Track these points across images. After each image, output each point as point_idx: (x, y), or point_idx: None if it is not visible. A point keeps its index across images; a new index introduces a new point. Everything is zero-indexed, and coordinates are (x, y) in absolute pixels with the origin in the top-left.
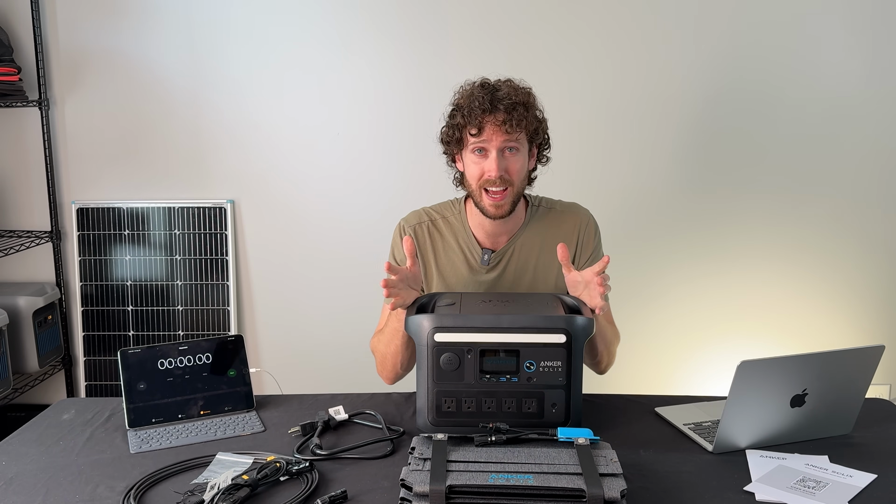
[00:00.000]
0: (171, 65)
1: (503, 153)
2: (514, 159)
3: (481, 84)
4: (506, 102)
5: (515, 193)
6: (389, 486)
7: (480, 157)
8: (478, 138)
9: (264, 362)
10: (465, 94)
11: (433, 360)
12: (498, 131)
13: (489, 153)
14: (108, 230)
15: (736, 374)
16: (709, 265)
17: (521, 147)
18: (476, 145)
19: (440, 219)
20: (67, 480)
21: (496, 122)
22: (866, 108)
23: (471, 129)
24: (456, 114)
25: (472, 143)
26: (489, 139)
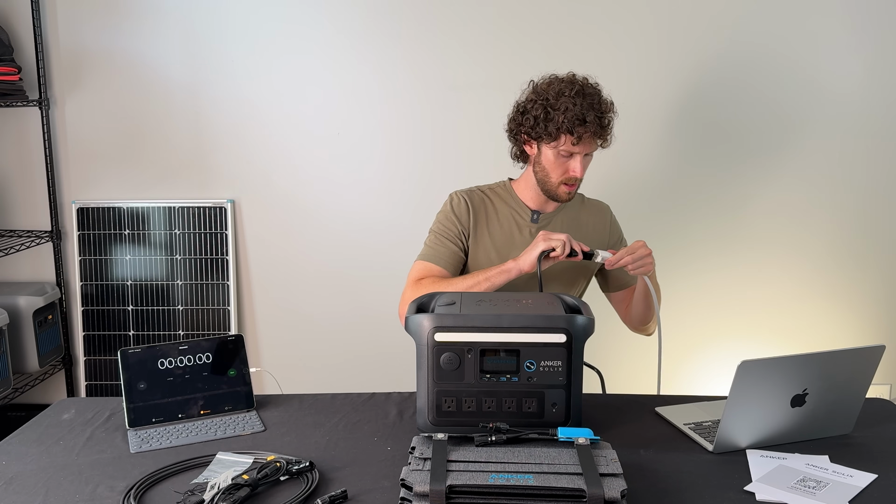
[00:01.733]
0: (172, 64)
1: (585, 157)
2: (588, 161)
3: (577, 91)
4: (601, 115)
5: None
6: (389, 485)
7: (567, 158)
8: (574, 147)
9: (264, 362)
10: (562, 98)
11: (433, 359)
12: (591, 143)
13: (575, 156)
14: (108, 230)
15: (736, 373)
16: (709, 265)
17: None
18: (569, 150)
19: (488, 190)
20: (67, 480)
21: (591, 135)
22: (867, 107)
23: (569, 138)
24: (552, 114)
25: (566, 147)
26: (581, 148)
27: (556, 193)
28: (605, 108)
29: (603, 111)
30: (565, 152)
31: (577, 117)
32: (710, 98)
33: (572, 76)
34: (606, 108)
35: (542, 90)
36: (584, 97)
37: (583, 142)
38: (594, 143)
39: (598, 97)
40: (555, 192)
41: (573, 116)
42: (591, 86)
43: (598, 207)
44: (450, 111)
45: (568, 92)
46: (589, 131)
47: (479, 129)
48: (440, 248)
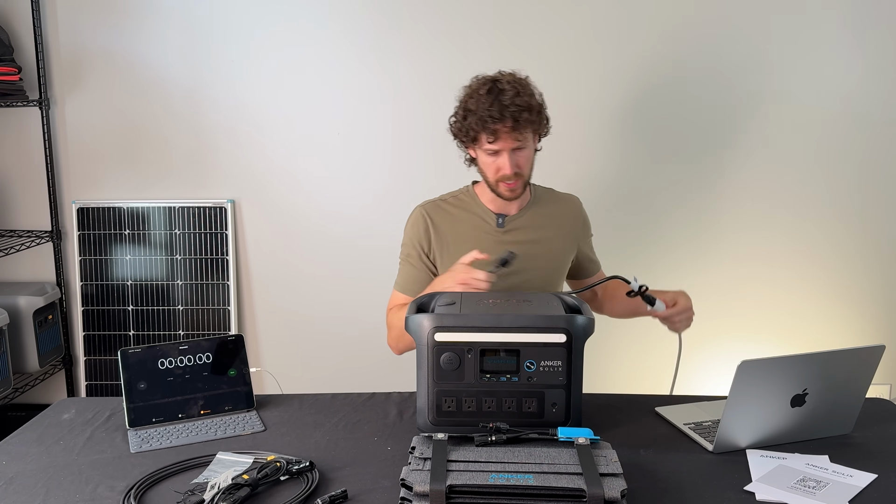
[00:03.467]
0: (172, 64)
1: (514, 152)
2: (522, 154)
3: (489, 89)
4: (513, 109)
5: (526, 179)
6: (389, 485)
7: (494, 156)
8: (492, 145)
9: (264, 362)
10: (474, 97)
11: (433, 359)
12: (508, 137)
13: (502, 153)
14: (108, 230)
15: (736, 373)
16: (709, 265)
17: (529, 140)
18: (489, 148)
19: (450, 198)
20: (67, 480)
21: (506, 130)
22: (867, 107)
23: (485, 136)
24: (468, 116)
25: (486, 146)
26: (501, 145)
27: (499, 192)
28: (516, 98)
29: (514, 100)
30: (490, 151)
31: (489, 115)
32: (709, 98)
33: (494, 74)
34: (523, 100)
35: (462, 94)
36: (496, 93)
37: (500, 138)
38: (512, 139)
39: (513, 91)
40: (498, 192)
41: (484, 114)
42: (509, 81)
43: (569, 200)
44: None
45: (480, 90)
46: (503, 127)
47: None
48: (408, 276)
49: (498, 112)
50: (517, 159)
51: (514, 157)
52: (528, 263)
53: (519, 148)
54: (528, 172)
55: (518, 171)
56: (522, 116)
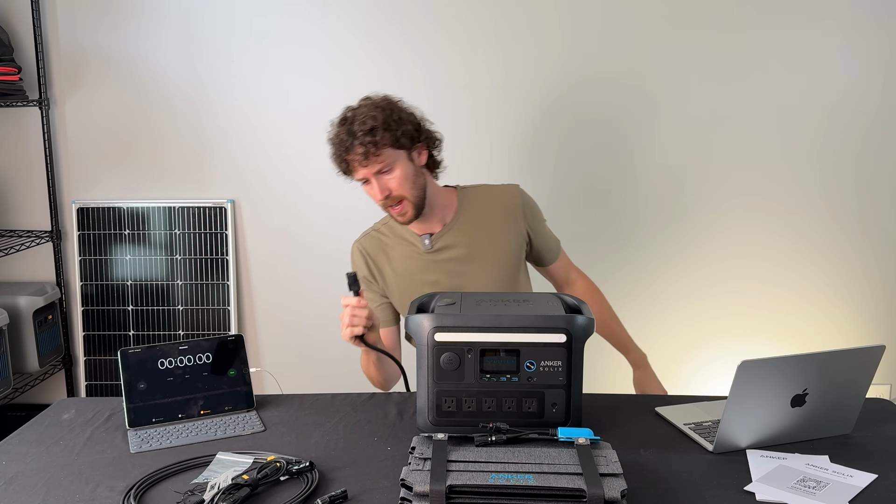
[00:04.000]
0: (172, 64)
1: (379, 177)
2: (391, 177)
3: (341, 119)
4: (359, 135)
5: (414, 198)
6: (389, 485)
7: (366, 185)
8: (354, 176)
9: (264, 362)
10: (332, 130)
11: (433, 359)
12: (362, 166)
13: (371, 181)
14: (108, 230)
15: (736, 373)
16: (709, 265)
17: (395, 160)
18: (358, 179)
19: (383, 226)
20: (67, 480)
21: (358, 158)
22: (866, 107)
23: (343, 168)
24: (332, 151)
25: (355, 177)
26: (364, 173)
27: (393, 217)
28: (364, 120)
29: (361, 125)
30: (359, 180)
31: (342, 146)
32: (708, 97)
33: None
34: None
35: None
36: (348, 122)
37: (357, 168)
38: (366, 166)
39: (362, 114)
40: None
41: (338, 147)
42: (364, 104)
43: (504, 192)
44: (451, 111)
45: (336, 121)
46: (352, 156)
47: (480, 129)
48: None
49: (347, 141)
50: (385, 183)
51: (381, 182)
52: (473, 273)
53: (383, 171)
54: (409, 192)
55: (392, 195)
56: (367, 140)
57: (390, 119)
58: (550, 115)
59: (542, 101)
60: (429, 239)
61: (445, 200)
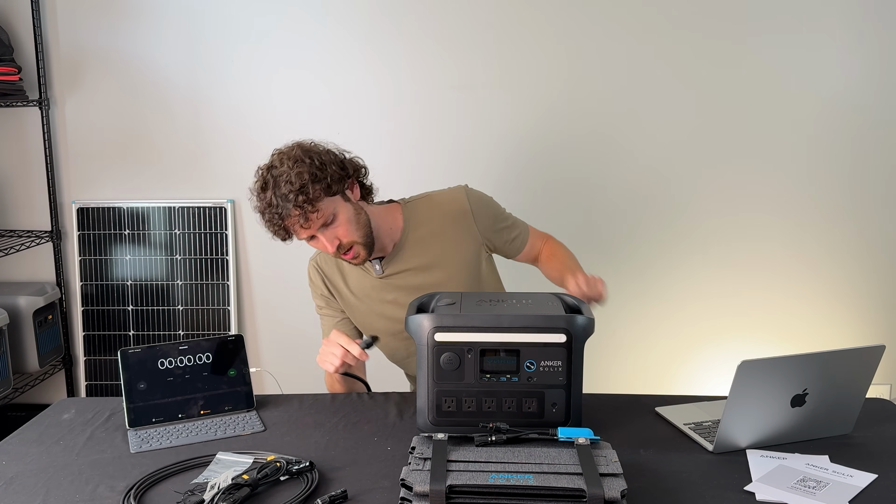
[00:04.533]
0: (172, 64)
1: (324, 231)
2: (336, 226)
3: (262, 185)
4: (291, 197)
5: (363, 238)
6: (389, 485)
7: (313, 241)
8: (298, 237)
9: (264, 362)
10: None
11: (433, 359)
12: (303, 227)
13: (315, 237)
14: (108, 230)
15: (736, 373)
16: (709, 265)
17: (334, 208)
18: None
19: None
20: (67, 480)
21: (297, 221)
22: (866, 107)
23: (282, 235)
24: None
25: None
26: (305, 234)
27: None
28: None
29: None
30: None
31: (274, 215)
32: (707, 97)
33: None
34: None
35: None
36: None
37: (297, 230)
38: (307, 227)
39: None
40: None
41: (269, 218)
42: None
43: (450, 199)
44: (450, 111)
45: (258, 191)
46: (294, 222)
47: (480, 129)
48: (330, 327)
49: (280, 207)
50: (334, 233)
51: (328, 234)
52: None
53: (327, 224)
54: (357, 235)
55: (342, 244)
56: (300, 200)
57: (314, 169)
58: (548, 115)
59: (540, 101)
60: (379, 264)
61: (390, 222)
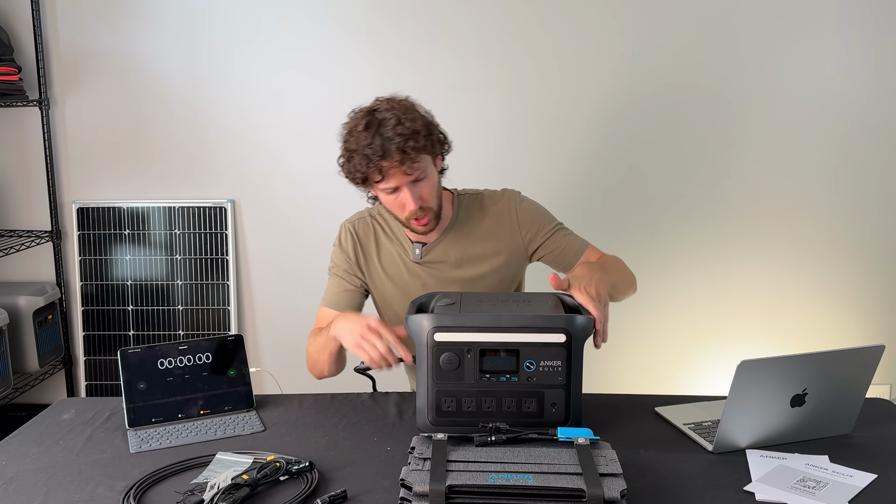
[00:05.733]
0: (172, 64)
1: (414, 185)
2: (424, 185)
3: (367, 123)
4: (397, 140)
5: (437, 208)
6: (389, 485)
7: (394, 194)
8: (385, 184)
9: (264, 362)
10: (354, 135)
11: (433, 359)
12: (400, 173)
13: (401, 189)
14: (108, 230)
15: (736, 373)
16: (709, 265)
17: (427, 167)
18: (385, 187)
19: (379, 216)
20: (67, 480)
21: (395, 166)
22: (865, 108)
23: (373, 176)
24: (352, 157)
25: (381, 186)
26: (396, 181)
27: (413, 229)
28: (403, 130)
29: (395, 130)
30: (387, 189)
31: (372, 152)
32: (707, 97)
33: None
34: (406, 127)
35: (342, 134)
36: (376, 126)
37: (392, 175)
38: (404, 173)
39: (394, 118)
40: (412, 228)
41: (367, 152)
42: (388, 108)
43: (499, 201)
44: (450, 111)
45: (358, 126)
46: (391, 163)
47: (480, 129)
48: (336, 293)
49: (381, 147)
50: (419, 191)
51: (415, 191)
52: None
53: (417, 179)
54: (435, 202)
55: (424, 205)
56: (409, 145)
57: (426, 122)
58: (548, 116)
59: (539, 102)
60: (420, 249)
61: (446, 209)
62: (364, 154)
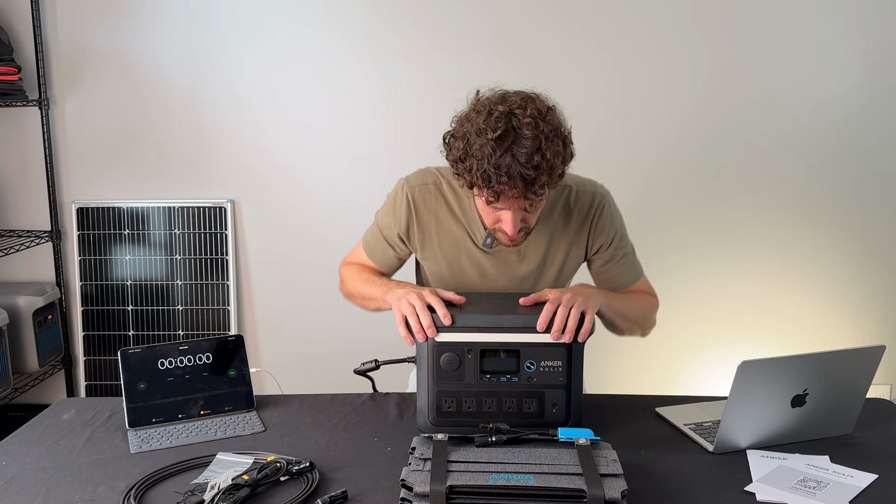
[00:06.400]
0: (171, 64)
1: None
2: (533, 212)
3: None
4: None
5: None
6: (390, 486)
7: (495, 209)
8: (495, 204)
9: (264, 362)
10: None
11: (433, 360)
12: (516, 202)
13: (505, 210)
14: (108, 230)
15: (737, 374)
16: (709, 266)
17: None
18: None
19: (447, 185)
20: (67, 480)
21: (515, 195)
22: (865, 108)
23: (485, 193)
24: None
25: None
26: (507, 206)
27: (499, 240)
28: (539, 161)
29: (535, 165)
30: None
31: (495, 173)
32: (708, 98)
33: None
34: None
35: (465, 120)
36: (511, 142)
37: (505, 200)
38: (520, 204)
39: (533, 143)
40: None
41: (488, 169)
42: (530, 122)
43: (584, 202)
44: (450, 111)
45: (489, 131)
46: (511, 191)
47: None
48: (376, 247)
49: (507, 171)
50: (526, 219)
51: (519, 216)
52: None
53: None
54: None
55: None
56: (540, 180)
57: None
58: None
59: None
60: (492, 239)
61: None
62: (484, 169)
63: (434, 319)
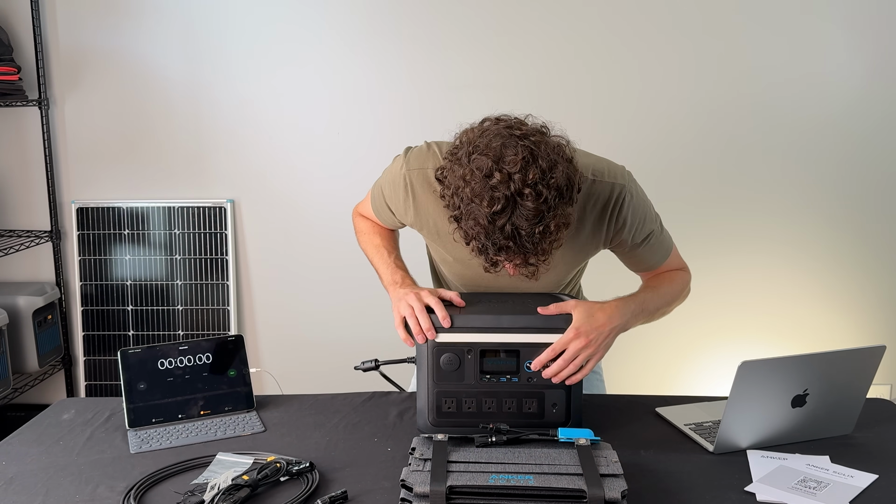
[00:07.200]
0: (171, 64)
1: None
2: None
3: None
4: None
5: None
6: (390, 486)
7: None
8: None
9: (264, 362)
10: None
11: (433, 360)
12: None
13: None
14: (108, 230)
15: (737, 374)
16: (709, 266)
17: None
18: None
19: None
20: (67, 480)
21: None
22: (866, 108)
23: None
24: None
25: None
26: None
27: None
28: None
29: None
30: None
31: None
32: (708, 97)
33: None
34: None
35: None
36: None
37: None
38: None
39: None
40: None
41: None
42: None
43: (602, 194)
44: (450, 111)
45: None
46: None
47: None
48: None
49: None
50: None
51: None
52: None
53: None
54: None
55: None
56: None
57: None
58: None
59: (539, 102)
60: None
61: None
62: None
63: (433, 321)
